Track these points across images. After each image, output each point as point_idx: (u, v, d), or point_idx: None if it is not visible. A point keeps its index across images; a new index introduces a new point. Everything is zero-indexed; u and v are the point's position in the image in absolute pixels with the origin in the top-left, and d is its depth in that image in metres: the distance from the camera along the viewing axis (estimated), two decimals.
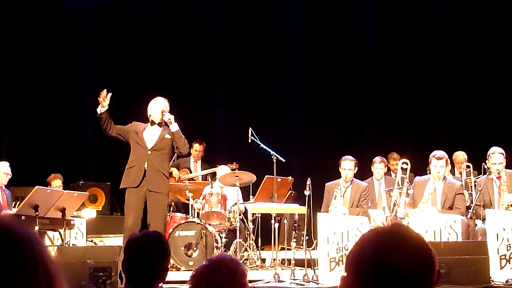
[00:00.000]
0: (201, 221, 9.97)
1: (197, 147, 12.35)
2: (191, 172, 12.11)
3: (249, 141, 9.88)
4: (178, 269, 9.70)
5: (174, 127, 8.78)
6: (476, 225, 9.00)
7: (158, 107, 8.88)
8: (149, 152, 8.72)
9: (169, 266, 3.92)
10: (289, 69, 13.89)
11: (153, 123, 8.89)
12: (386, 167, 10.70)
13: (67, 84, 13.41)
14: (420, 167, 10.75)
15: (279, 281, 8.10)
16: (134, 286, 3.61)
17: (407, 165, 9.62)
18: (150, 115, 8.94)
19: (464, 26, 13.38)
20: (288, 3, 13.93)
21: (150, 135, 8.84)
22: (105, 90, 8.75)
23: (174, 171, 11.82)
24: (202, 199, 10.27)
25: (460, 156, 11.11)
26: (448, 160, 10.07)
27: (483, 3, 13.31)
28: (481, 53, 13.19)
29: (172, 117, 8.78)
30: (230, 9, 13.96)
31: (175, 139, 8.78)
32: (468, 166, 10.27)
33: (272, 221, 9.30)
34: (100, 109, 8.74)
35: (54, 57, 13.37)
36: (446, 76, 13.53)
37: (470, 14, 13.35)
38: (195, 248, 9.77)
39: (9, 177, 9.85)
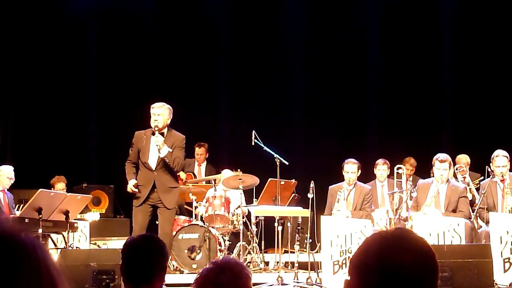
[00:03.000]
0: (204, 224, 9.98)
1: (198, 151, 12.35)
2: (195, 176, 12.13)
3: (253, 144, 9.88)
4: (182, 272, 9.71)
5: (163, 152, 8.62)
6: (481, 227, 9.00)
7: (152, 117, 8.74)
8: (155, 173, 8.74)
9: (167, 265, 3.93)
10: (292, 72, 13.87)
11: (153, 133, 8.71)
12: (389, 169, 10.67)
13: (71, 87, 13.41)
14: (423, 170, 10.76)
15: (282, 284, 8.11)
16: (134, 285, 3.62)
17: (402, 170, 9.76)
18: None
19: (467, 29, 13.37)
20: (291, 5, 13.93)
21: (153, 153, 8.77)
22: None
23: (181, 174, 11.82)
24: (206, 202, 10.27)
25: (463, 159, 11.11)
26: (468, 162, 10.15)
27: (487, 5, 13.30)
28: (484, 56, 13.18)
29: (160, 142, 8.58)
30: (233, 12, 13.96)
31: (166, 162, 8.70)
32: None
33: (276, 224, 9.31)
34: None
35: (57, 60, 13.38)
36: (449, 79, 13.51)
37: (473, 17, 13.34)
38: (198, 251, 9.78)
39: (12, 181, 9.86)
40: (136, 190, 8.73)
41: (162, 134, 8.75)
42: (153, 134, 8.65)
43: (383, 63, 13.62)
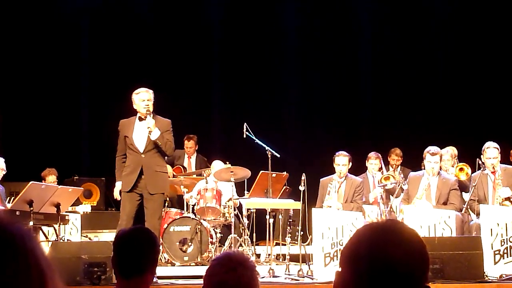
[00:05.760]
0: (196, 217, 9.98)
1: (187, 144, 12.34)
2: (185, 169, 12.11)
3: (244, 136, 9.88)
4: (173, 265, 9.71)
5: (154, 135, 8.42)
6: (472, 219, 9.02)
7: (141, 103, 8.50)
8: (142, 155, 8.51)
9: (159, 258, 3.92)
10: (285, 64, 13.88)
11: (140, 118, 8.56)
12: (381, 163, 10.72)
13: (62, 79, 13.38)
14: (414, 163, 10.78)
15: (273, 276, 8.11)
16: (125, 276, 3.62)
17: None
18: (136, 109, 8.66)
19: (460, 23, 13.40)
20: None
21: (139, 136, 8.56)
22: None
23: (168, 168, 11.81)
24: (197, 194, 10.27)
25: (450, 151, 11.12)
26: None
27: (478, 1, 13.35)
28: (475, 50, 13.20)
29: (151, 124, 8.41)
30: (227, 5, 13.96)
31: (158, 145, 8.53)
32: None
33: (267, 217, 9.32)
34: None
35: (49, 52, 13.34)
36: (441, 72, 13.55)
37: (466, 11, 13.36)
38: (190, 244, 9.79)
39: (4, 172, 9.81)
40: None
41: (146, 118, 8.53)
42: (144, 118, 8.46)
43: (376, 57, 13.65)
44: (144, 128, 8.51)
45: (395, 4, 13.64)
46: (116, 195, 8.75)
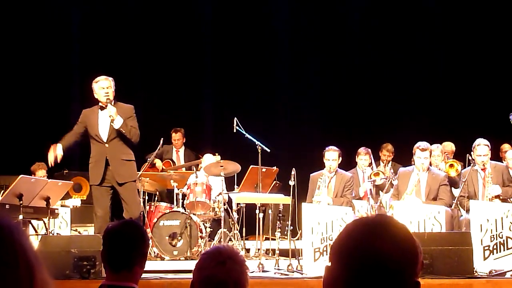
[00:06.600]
0: (185, 211, 9.97)
1: (174, 136, 12.30)
2: (174, 163, 12.09)
3: (234, 131, 9.87)
4: (163, 259, 9.71)
5: (117, 123, 8.27)
6: (462, 215, 9.04)
7: (100, 91, 8.39)
8: (106, 145, 8.40)
9: (148, 251, 3.91)
10: (276, 59, 13.87)
11: (101, 107, 8.43)
12: (371, 158, 10.73)
13: (52, 71, 13.33)
14: (404, 158, 10.79)
15: (263, 271, 8.11)
16: (114, 270, 3.61)
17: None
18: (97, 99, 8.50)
19: (454, 17, 13.42)
20: None
21: (103, 125, 8.45)
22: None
23: (158, 162, 11.80)
24: (187, 188, 10.27)
25: (448, 147, 11.14)
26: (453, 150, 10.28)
27: None
28: (467, 47, 13.23)
29: (113, 112, 8.25)
30: None
31: (123, 133, 8.35)
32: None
33: (257, 211, 9.32)
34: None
35: (39, 44, 13.27)
36: (434, 70, 13.56)
37: (460, 6, 13.37)
38: (179, 238, 9.78)
39: None
40: (53, 157, 8.57)
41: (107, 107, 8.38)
42: (105, 107, 8.32)
43: (367, 52, 13.65)
44: (106, 117, 8.38)
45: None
46: (52, 157, 8.59)
